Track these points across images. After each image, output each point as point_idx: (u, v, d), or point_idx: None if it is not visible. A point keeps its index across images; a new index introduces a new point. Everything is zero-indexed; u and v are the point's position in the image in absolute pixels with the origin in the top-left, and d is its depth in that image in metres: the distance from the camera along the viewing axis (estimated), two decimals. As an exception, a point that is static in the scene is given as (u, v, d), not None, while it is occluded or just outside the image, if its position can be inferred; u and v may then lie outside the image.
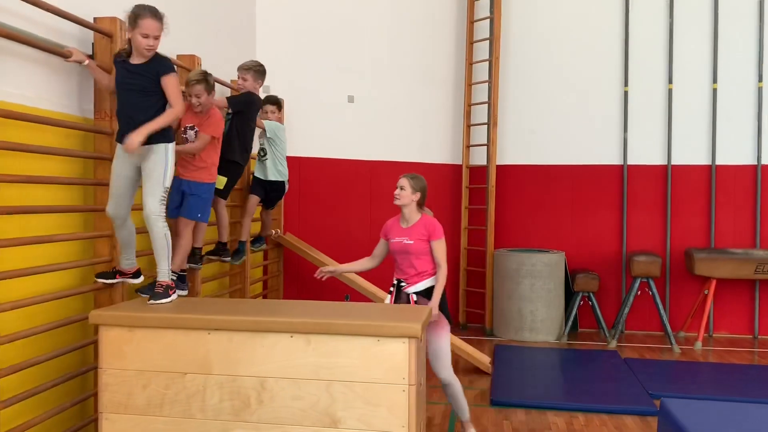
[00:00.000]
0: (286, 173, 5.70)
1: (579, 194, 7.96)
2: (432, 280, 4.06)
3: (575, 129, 7.93)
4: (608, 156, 7.90)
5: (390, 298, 4.14)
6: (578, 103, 7.92)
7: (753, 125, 7.61)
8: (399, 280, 4.12)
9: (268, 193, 5.70)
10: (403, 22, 7.61)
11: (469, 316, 7.95)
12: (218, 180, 4.55)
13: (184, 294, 4.24)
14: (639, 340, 7.40)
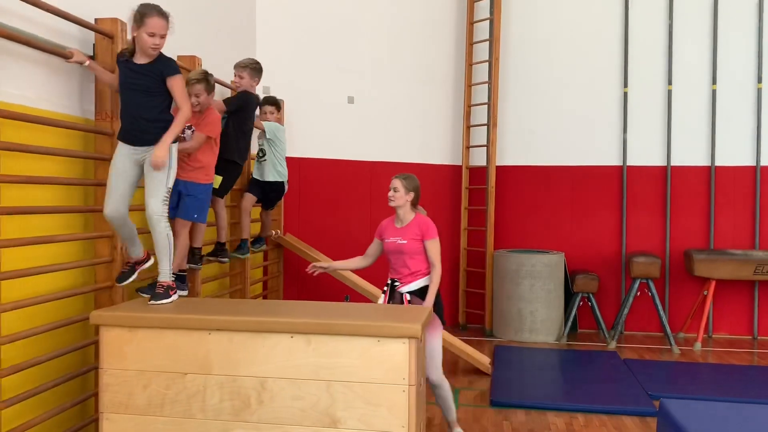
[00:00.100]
0: (286, 174, 5.69)
1: (579, 195, 7.97)
2: (426, 280, 4.08)
3: (575, 130, 7.94)
4: (608, 157, 7.91)
5: (384, 298, 4.16)
6: (578, 104, 7.93)
7: (752, 126, 7.61)
8: (393, 280, 4.15)
9: (267, 194, 5.70)
10: (403, 23, 7.61)
11: (469, 317, 7.96)
12: (214, 179, 4.55)
13: (185, 294, 4.24)
14: (638, 341, 7.41)
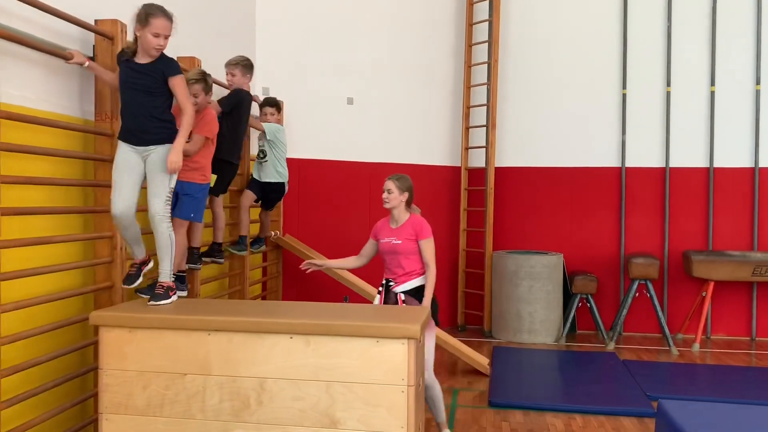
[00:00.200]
0: (286, 174, 5.70)
1: (577, 196, 7.97)
2: (420, 280, 4.10)
3: (574, 131, 7.95)
4: (606, 158, 7.92)
5: (379, 298, 4.17)
6: (577, 106, 7.94)
7: (751, 128, 7.63)
8: (388, 280, 4.17)
9: (267, 194, 5.70)
10: (403, 24, 7.62)
11: (468, 318, 7.97)
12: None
13: (184, 295, 4.25)
14: (637, 342, 7.41)
